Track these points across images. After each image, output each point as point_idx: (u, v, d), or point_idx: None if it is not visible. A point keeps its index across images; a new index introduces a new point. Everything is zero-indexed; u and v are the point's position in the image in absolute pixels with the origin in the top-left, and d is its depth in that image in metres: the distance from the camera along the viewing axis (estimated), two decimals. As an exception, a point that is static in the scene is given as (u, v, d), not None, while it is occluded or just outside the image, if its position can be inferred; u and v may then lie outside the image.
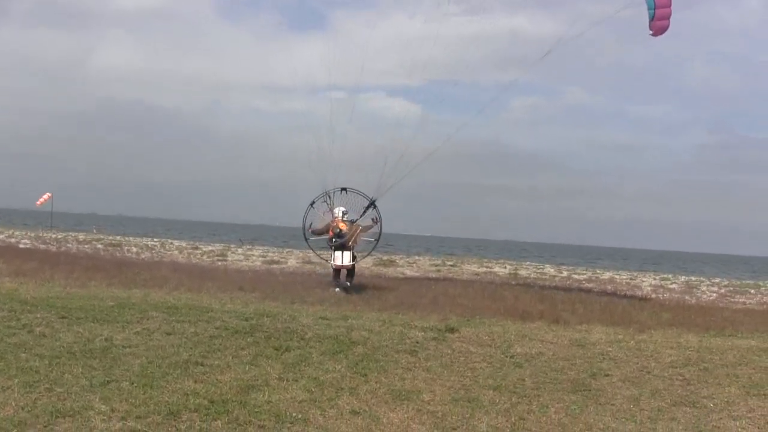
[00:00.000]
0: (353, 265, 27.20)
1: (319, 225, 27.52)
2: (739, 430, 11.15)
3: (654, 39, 26.08)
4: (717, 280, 50.99)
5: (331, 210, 27.42)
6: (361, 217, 27.65)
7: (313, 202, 27.68)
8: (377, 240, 27.99)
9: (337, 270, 26.93)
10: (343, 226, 26.54)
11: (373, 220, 27.68)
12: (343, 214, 27.13)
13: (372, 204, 27.66)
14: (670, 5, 26.11)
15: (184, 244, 56.67)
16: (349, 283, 26.68)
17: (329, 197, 27.66)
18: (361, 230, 27.20)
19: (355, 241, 26.99)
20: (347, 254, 26.58)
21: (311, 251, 30.50)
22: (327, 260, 27.93)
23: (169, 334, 15.16)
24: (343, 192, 27.82)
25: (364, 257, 29.33)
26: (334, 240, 26.59)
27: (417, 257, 55.19)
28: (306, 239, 28.15)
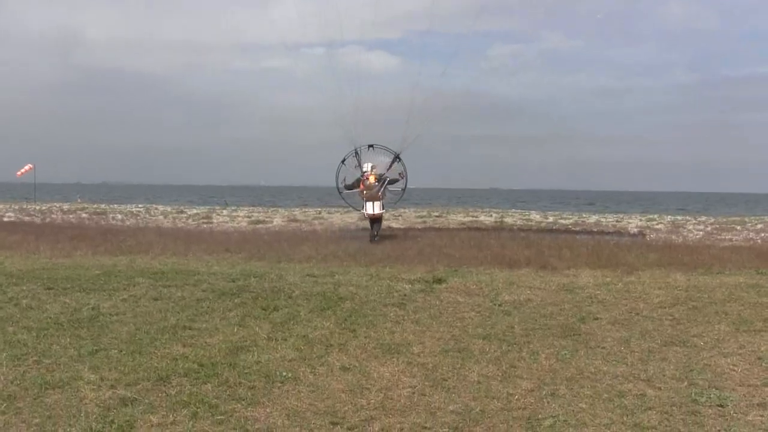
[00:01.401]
0: (381, 215, 30.72)
1: (350, 180, 30.58)
2: (730, 366, 11.16)
3: None
4: (703, 218, 51.11)
5: (360, 165, 30.31)
6: (388, 170, 30.43)
7: (344, 159, 30.57)
8: (403, 190, 31.22)
9: (371, 220, 30.48)
10: (372, 179, 29.49)
11: (399, 174, 30.59)
12: (372, 168, 30.00)
13: (397, 157, 30.49)
14: None
15: (169, 208, 56.46)
16: (377, 233, 30.04)
17: (357, 153, 30.41)
18: (388, 182, 30.16)
19: (383, 194, 30.11)
20: (377, 204, 29.90)
21: (345, 203, 32.97)
22: (359, 210, 31.50)
23: (156, 299, 15.14)
24: (371, 148, 30.56)
25: (393, 205, 33.30)
26: (364, 192, 29.75)
27: (402, 209, 55.11)
28: (339, 193, 31.40)
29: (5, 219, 43.65)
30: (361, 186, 29.92)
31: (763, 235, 36.46)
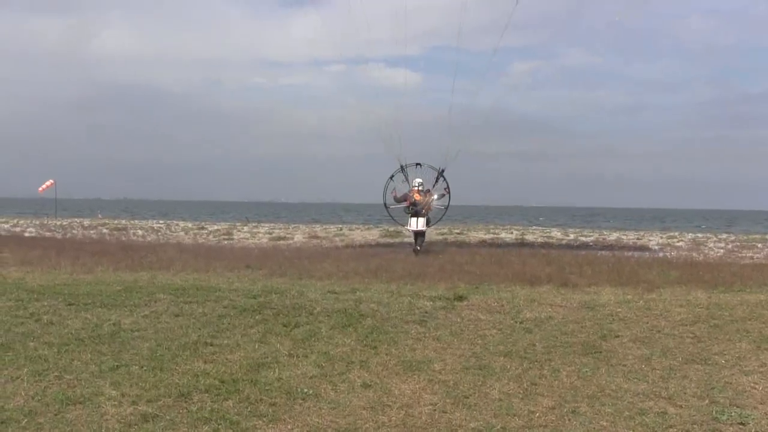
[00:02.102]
0: (425, 230, 31.90)
1: (399, 193, 31.79)
2: (752, 384, 11.12)
3: None
4: (724, 235, 51.07)
5: (408, 181, 31.86)
6: (434, 186, 31.91)
7: (392, 176, 32.04)
8: (446, 208, 32.41)
9: (415, 236, 31.71)
10: (417, 197, 31.09)
11: (445, 189, 32.02)
12: (419, 185, 31.49)
13: (441, 174, 31.92)
14: None
15: (189, 224, 56.79)
16: (419, 247, 31.09)
17: (404, 170, 32.00)
18: (433, 199, 31.61)
19: (429, 209, 31.57)
20: (421, 220, 31.28)
21: (391, 219, 33.97)
22: (404, 226, 32.96)
23: (177, 315, 15.16)
24: (418, 166, 32.10)
25: (437, 222, 33.56)
26: (410, 208, 31.26)
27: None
28: (386, 207, 32.61)
29: (26, 234, 43.93)
30: (408, 202, 31.36)
31: (785, 252, 36.31)
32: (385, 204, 32.60)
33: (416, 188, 31.41)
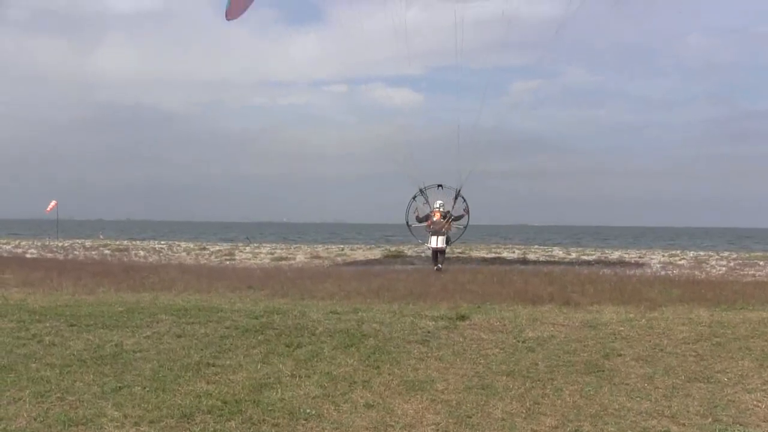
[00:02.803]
0: (444, 248, 33.97)
1: (421, 213, 34.18)
2: (755, 402, 11.12)
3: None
4: (725, 253, 51.01)
5: (429, 203, 34.22)
6: (453, 207, 34.13)
7: (415, 197, 34.46)
8: (465, 227, 34.86)
9: (434, 252, 33.68)
10: (438, 217, 33.38)
11: (464, 209, 34.29)
12: (441, 206, 33.75)
13: (458, 193, 34.14)
14: None
15: (191, 245, 56.77)
16: (441, 264, 32.84)
17: (424, 192, 34.38)
18: (453, 219, 33.91)
19: (448, 228, 33.81)
20: (441, 239, 33.46)
21: (413, 237, 36.48)
22: (424, 243, 35.21)
23: (179, 336, 15.15)
24: (439, 188, 34.44)
25: (456, 240, 35.57)
26: (431, 227, 33.51)
27: (425, 246, 55.19)
28: (408, 227, 35.19)
29: (28, 255, 43.92)
30: (429, 222, 33.66)
31: (787, 270, 36.29)
32: (407, 223, 35.06)
33: (437, 209, 33.67)
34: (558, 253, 51.38)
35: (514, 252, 50.39)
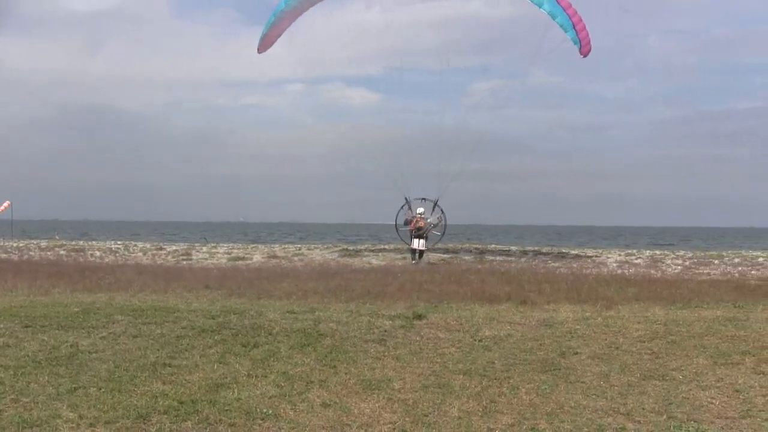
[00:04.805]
0: (423, 250, 39.61)
1: (407, 217, 40.20)
2: (709, 399, 11.22)
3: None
4: (681, 252, 51.40)
5: (411, 210, 40.20)
6: (432, 214, 40.50)
7: (403, 206, 40.85)
8: (442, 234, 41.49)
9: (413, 251, 39.61)
10: (421, 224, 39.33)
11: (438, 218, 40.69)
12: (421, 214, 39.83)
13: (435, 204, 40.64)
14: (584, 26, 29.29)
15: (148, 245, 56.35)
16: (418, 259, 39.10)
17: (408, 203, 40.56)
18: (432, 227, 40.25)
19: (427, 234, 39.89)
20: (422, 241, 39.45)
21: (399, 239, 42.80)
22: (408, 243, 40.60)
23: (135, 336, 15.05)
24: (423, 200, 40.72)
25: (434, 244, 42.13)
26: (414, 232, 39.40)
27: (383, 246, 55.23)
28: (397, 230, 41.92)
29: (-19, 257, 43.41)
30: (412, 226, 39.61)
31: (740, 268, 36.68)
32: (395, 226, 41.84)
33: (419, 216, 39.70)
34: (515, 250, 51.66)
35: (471, 252, 50.49)
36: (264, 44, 35.26)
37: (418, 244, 39.61)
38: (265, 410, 10.39)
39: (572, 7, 31.39)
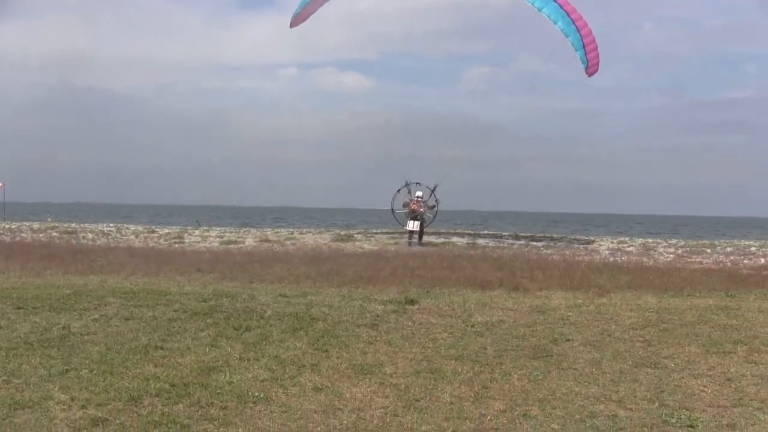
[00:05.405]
0: (419, 231, 42.12)
1: (405, 199, 42.48)
2: (700, 387, 11.23)
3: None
4: (673, 241, 51.42)
5: (410, 192, 42.45)
6: (429, 197, 42.75)
7: (399, 189, 42.86)
8: (434, 216, 43.92)
9: (410, 231, 41.84)
10: (416, 207, 41.64)
11: (436, 201, 43.03)
12: (419, 197, 42.13)
13: (433, 191, 42.68)
14: (595, 47, 29.42)
15: (140, 228, 56.18)
16: (414, 240, 41.63)
17: (408, 186, 42.57)
18: (426, 209, 42.38)
19: (422, 216, 41.98)
20: (417, 222, 41.63)
21: (395, 219, 44.04)
22: (404, 225, 42.47)
23: (127, 319, 15.04)
24: (418, 185, 42.65)
25: (428, 225, 44.57)
26: (409, 213, 41.73)
27: (375, 231, 55.22)
28: (393, 212, 43.64)
29: (-27, 238, 43.29)
30: (408, 208, 41.99)
31: (732, 257, 36.67)
32: (392, 209, 43.56)
33: (416, 199, 42.08)
34: (508, 238, 51.65)
35: (464, 237, 50.54)
36: (296, 21, 35.36)
37: (413, 225, 41.71)
38: (256, 394, 10.37)
39: (587, 26, 31.41)
